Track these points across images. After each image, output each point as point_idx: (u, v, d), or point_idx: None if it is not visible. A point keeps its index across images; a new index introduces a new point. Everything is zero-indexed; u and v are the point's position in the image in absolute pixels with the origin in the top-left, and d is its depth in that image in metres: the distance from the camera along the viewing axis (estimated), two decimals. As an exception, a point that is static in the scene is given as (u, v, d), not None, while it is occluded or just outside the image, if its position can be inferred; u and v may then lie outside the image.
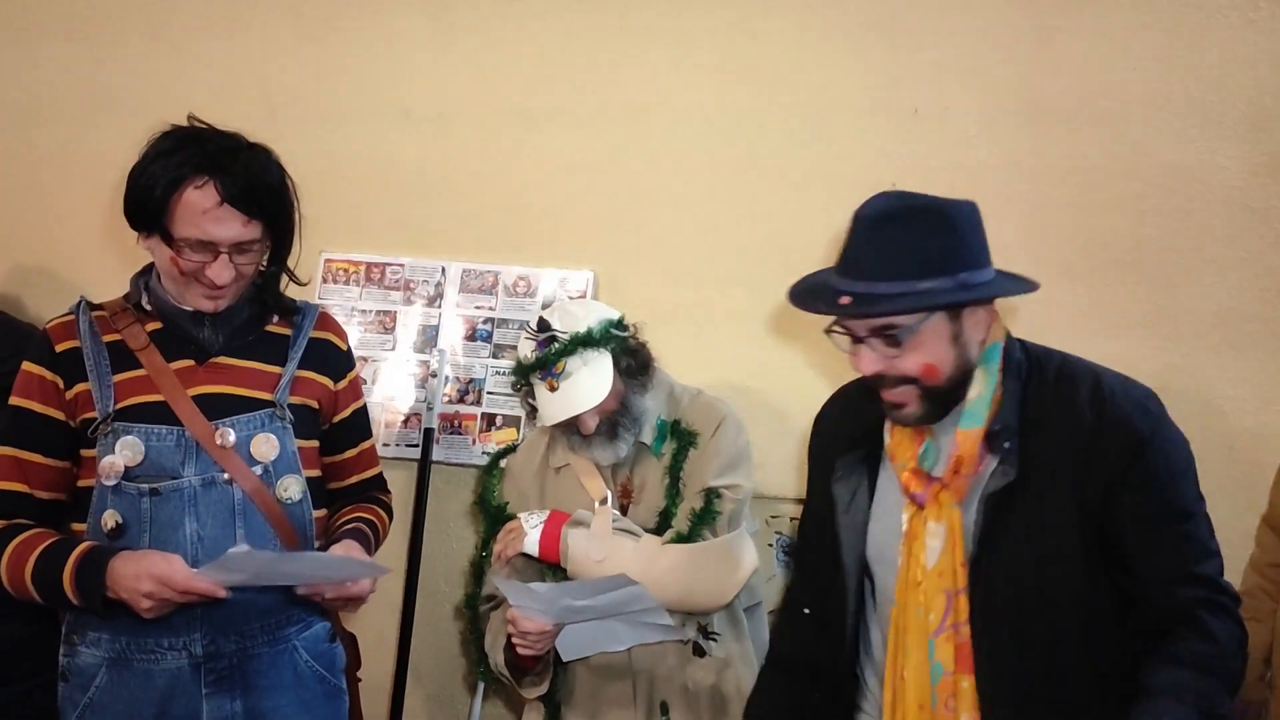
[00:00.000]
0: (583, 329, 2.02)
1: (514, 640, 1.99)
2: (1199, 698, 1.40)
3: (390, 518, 2.06)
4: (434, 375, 2.78)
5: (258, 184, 1.74)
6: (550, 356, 2.01)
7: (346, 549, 1.81)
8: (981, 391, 1.53)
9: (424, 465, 2.75)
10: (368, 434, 2.05)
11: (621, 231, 2.75)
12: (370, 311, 2.86)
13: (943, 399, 1.54)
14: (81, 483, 1.78)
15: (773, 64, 2.66)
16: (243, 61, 2.94)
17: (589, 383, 2.01)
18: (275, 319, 1.91)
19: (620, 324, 2.09)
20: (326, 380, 1.92)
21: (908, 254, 1.46)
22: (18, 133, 3.08)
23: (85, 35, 3.01)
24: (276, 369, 1.86)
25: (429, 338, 2.83)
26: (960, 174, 2.49)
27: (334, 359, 1.95)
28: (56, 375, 1.77)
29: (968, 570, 1.52)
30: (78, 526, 1.77)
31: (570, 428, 2.08)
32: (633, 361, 2.08)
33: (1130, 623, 1.51)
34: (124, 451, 1.73)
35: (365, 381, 2.80)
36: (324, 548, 1.86)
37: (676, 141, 2.72)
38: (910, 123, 2.58)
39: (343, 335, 2.00)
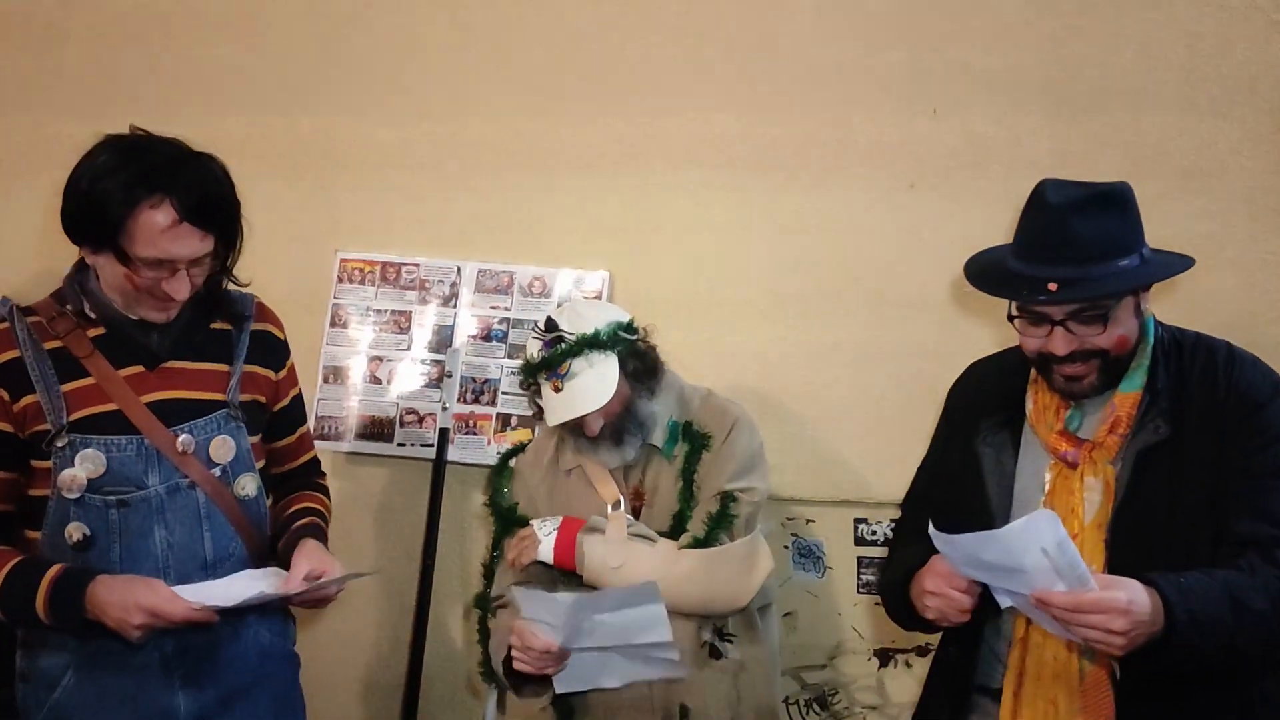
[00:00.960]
0: (590, 330, 2.01)
1: (514, 654, 1.93)
2: (1228, 583, 1.47)
3: (330, 500, 2.06)
4: (449, 375, 2.78)
5: (210, 196, 1.71)
6: (555, 357, 2.00)
7: (309, 556, 1.80)
8: (1141, 359, 1.66)
9: (439, 465, 2.75)
10: (304, 418, 2.06)
11: (636, 232, 2.74)
12: (385, 311, 2.85)
13: (1119, 368, 1.65)
14: (33, 492, 1.73)
15: (791, 63, 2.65)
16: (260, 61, 2.94)
17: (593, 385, 1.99)
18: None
19: (629, 326, 2.07)
20: (269, 372, 1.93)
21: (1106, 236, 1.57)
22: (40, 132, 3.08)
23: (102, 34, 3.01)
24: (224, 367, 1.85)
25: (444, 337, 2.83)
26: (979, 174, 2.48)
27: (274, 349, 1.95)
28: (1, 388, 1.71)
29: (1110, 520, 1.61)
30: (32, 535, 1.73)
31: (575, 429, 2.06)
32: (640, 365, 2.06)
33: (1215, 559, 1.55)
34: (85, 464, 1.70)
35: (381, 381, 2.82)
36: (276, 539, 1.88)
37: (693, 142, 2.71)
38: (930, 123, 2.56)
39: (279, 324, 1.99)
